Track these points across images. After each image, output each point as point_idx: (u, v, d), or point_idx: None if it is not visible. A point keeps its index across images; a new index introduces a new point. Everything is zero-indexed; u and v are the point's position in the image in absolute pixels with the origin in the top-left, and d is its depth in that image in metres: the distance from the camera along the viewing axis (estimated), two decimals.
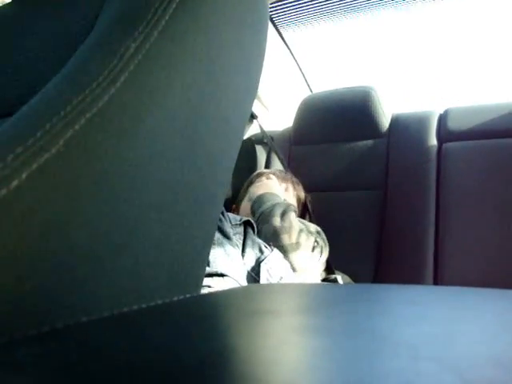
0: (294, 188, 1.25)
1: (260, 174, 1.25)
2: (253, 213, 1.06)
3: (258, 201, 1.08)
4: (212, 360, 0.15)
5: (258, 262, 0.84)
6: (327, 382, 0.13)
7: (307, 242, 0.99)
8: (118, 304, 0.30)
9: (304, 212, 1.28)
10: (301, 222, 1.04)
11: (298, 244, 0.97)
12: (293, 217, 1.00)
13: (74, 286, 0.27)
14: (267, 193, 1.09)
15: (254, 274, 0.82)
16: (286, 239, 0.96)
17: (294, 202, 1.23)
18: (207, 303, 0.28)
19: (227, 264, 0.74)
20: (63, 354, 0.16)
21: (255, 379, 0.13)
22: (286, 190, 1.22)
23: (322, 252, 1.02)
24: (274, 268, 0.85)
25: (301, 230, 0.99)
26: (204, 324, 0.21)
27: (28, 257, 0.25)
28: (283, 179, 1.24)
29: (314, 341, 0.17)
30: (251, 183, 1.22)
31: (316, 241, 1.01)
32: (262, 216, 1.02)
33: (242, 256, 0.82)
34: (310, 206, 1.27)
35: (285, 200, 1.12)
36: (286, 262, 0.93)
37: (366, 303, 0.25)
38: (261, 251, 0.86)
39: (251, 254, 0.84)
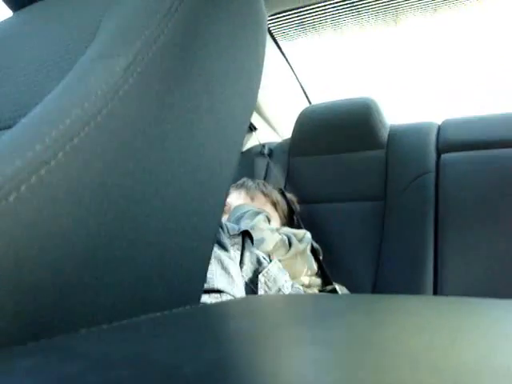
0: (264, 193, 1.24)
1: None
2: None
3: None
4: (211, 372, 0.15)
5: (256, 274, 0.84)
6: None
7: None
8: (117, 316, 0.30)
9: (291, 215, 1.27)
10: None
11: None
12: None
13: (73, 298, 0.27)
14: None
15: (252, 286, 0.82)
16: None
17: (267, 207, 1.22)
18: (206, 315, 0.28)
19: (225, 281, 0.73)
20: (62, 365, 0.16)
21: None
22: (253, 199, 1.22)
23: None
24: (272, 279, 0.85)
25: None
26: (203, 336, 0.21)
27: (27, 269, 0.25)
28: (248, 189, 1.24)
29: (314, 352, 0.17)
30: None
31: None
32: None
33: (240, 267, 0.82)
34: (295, 208, 1.27)
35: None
36: (285, 272, 0.92)
37: (365, 314, 0.25)
38: (259, 262, 0.85)
39: (249, 266, 0.84)
